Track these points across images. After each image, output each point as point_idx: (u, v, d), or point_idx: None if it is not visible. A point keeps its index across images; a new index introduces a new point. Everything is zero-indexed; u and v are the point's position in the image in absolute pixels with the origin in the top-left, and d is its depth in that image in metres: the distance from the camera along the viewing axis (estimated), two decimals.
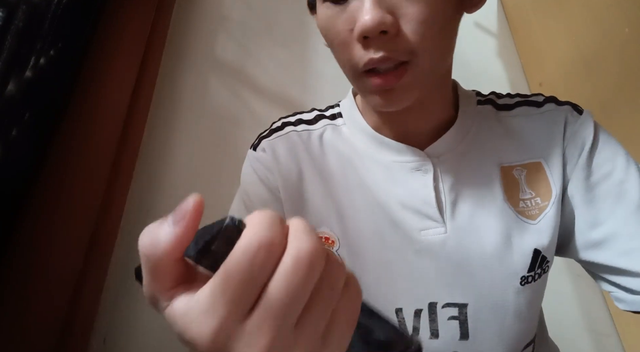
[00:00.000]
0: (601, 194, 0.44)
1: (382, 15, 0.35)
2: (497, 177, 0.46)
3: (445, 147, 0.47)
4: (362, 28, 0.35)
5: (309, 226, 0.20)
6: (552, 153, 0.46)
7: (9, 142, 0.61)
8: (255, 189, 0.50)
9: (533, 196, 0.46)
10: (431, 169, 0.46)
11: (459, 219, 0.45)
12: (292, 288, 0.18)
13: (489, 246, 0.44)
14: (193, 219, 0.19)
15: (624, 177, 0.44)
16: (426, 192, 0.45)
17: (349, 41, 0.38)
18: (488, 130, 0.48)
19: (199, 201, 0.19)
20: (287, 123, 0.53)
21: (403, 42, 0.37)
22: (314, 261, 0.19)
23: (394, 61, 0.38)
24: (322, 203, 0.48)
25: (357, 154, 0.49)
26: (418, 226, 0.45)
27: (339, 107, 0.54)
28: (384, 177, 0.47)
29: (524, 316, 0.45)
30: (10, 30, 0.65)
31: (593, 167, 0.45)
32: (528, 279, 0.44)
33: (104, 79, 0.83)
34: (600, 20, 1.13)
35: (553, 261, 0.47)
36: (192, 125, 1.05)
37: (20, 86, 0.64)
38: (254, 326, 0.18)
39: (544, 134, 0.47)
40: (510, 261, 0.44)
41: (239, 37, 1.19)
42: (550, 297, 0.63)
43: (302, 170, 0.49)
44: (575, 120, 0.47)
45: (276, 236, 0.19)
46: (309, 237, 0.19)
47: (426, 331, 0.44)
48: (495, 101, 0.51)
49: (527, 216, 0.45)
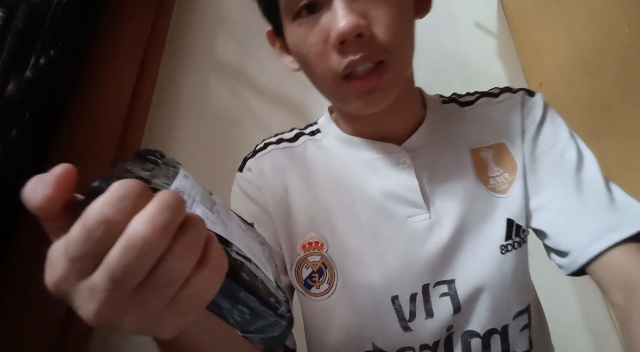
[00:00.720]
0: (544, 164, 0.49)
1: (357, 19, 0.38)
2: (468, 160, 0.51)
3: (420, 141, 0.51)
4: (340, 32, 0.38)
5: (169, 203, 0.21)
6: (512, 132, 0.51)
7: (9, 142, 0.61)
8: (245, 205, 0.53)
9: (501, 172, 0.50)
10: (410, 161, 0.49)
11: (439, 204, 0.49)
12: (123, 264, 0.20)
13: (467, 225, 0.48)
14: (58, 185, 0.21)
15: (564, 149, 0.49)
16: (410, 181, 0.49)
17: (324, 51, 0.41)
18: (456, 122, 0.53)
19: (63, 170, 0.21)
20: (269, 143, 0.57)
21: (377, 42, 0.40)
22: (146, 245, 0.20)
23: (372, 60, 0.40)
24: (308, 211, 0.51)
25: (339, 161, 0.53)
26: (405, 213, 0.48)
27: (317, 124, 0.58)
28: (368, 174, 0.51)
29: (509, 284, 0.47)
30: (10, 30, 0.65)
31: (539, 141, 0.50)
32: (507, 247, 0.48)
33: (104, 79, 0.83)
34: (600, 20, 1.13)
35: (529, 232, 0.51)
36: (192, 125, 1.05)
37: (20, 86, 0.64)
38: (89, 286, 0.21)
39: (503, 117, 0.52)
40: (488, 233, 0.48)
41: (239, 37, 1.19)
42: (551, 297, 0.64)
43: (287, 183, 0.53)
44: (529, 100, 0.53)
45: (118, 212, 0.20)
46: (151, 219, 0.20)
47: (422, 313, 0.46)
48: (458, 99, 0.56)
49: (498, 191, 0.50)
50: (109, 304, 0.21)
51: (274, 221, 0.51)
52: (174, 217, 0.21)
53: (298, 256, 0.49)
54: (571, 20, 1.24)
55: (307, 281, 0.48)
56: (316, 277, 0.48)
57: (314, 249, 0.49)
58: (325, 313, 0.48)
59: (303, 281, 0.48)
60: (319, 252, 0.49)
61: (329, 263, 0.48)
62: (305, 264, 0.48)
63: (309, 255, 0.49)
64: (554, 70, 1.32)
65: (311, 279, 0.48)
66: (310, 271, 0.48)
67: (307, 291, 0.48)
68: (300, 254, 0.49)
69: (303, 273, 0.48)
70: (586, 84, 1.18)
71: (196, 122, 1.05)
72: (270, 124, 1.09)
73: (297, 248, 0.49)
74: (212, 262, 0.22)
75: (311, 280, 0.48)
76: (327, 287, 0.48)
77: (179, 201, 0.22)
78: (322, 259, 0.48)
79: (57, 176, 0.21)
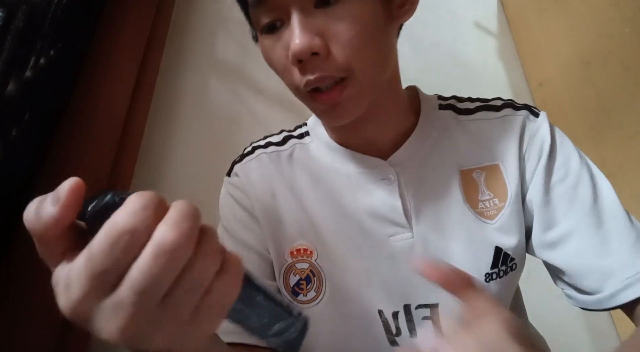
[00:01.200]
0: (556, 197, 0.46)
1: (310, 39, 0.37)
2: (456, 181, 0.48)
3: (407, 156, 0.49)
4: (293, 52, 0.37)
5: (189, 210, 0.21)
6: (509, 155, 0.48)
7: (9, 142, 0.61)
8: (233, 211, 0.52)
9: (491, 197, 0.48)
10: (395, 177, 0.48)
11: (423, 224, 0.47)
12: (151, 274, 0.19)
13: (452, 247, 0.46)
14: (70, 200, 0.20)
15: (576, 181, 0.45)
16: (392, 200, 0.47)
17: (288, 66, 0.41)
18: (448, 136, 0.50)
19: (74, 184, 0.21)
20: (257, 147, 0.56)
21: (335, 61, 0.38)
22: (176, 251, 0.20)
23: (331, 79, 0.39)
24: (297, 218, 0.50)
25: (324, 169, 0.52)
26: (387, 233, 0.47)
27: (306, 126, 0.57)
28: (350, 189, 0.50)
29: None
30: (10, 30, 0.65)
31: (550, 172, 0.47)
32: (492, 275, 0.46)
33: (104, 79, 0.83)
34: (600, 20, 1.13)
35: (525, 260, 0.49)
36: (192, 125, 1.05)
37: (20, 86, 0.64)
38: (114, 303, 0.20)
39: (501, 137, 0.49)
40: (473, 259, 0.46)
41: (239, 37, 1.19)
42: (551, 297, 0.64)
43: (274, 189, 0.52)
44: (532, 123, 0.49)
45: (142, 222, 0.20)
46: (178, 226, 0.20)
47: (406, 331, 0.46)
48: (456, 105, 0.53)
49: (486, 217, 0.47)
50: (136, 319, 0.20)
51: (262, 227, 0.51)
52: (195, 223, 0.21)
53: (286, 263, 0.48)
54: (571, 20, 1.24)
55: (294, 288, 0.48)
56: (304, 285, 0.47)
57: (303, 256, 0.48)
58: (312, 321, 0.47)
59: (291, 287, 0.48)
60: (307, 259, 0.48)
61: (317, 271, 0.48)
62: (293, 270, 0.48)
63: (297, 262, 0.48)
64: (554, 70, 1.32)
65: (299, 286, 0.48)
66: (298, 278, 0.48)
67: (294, 298, 0.47)
68: (289, 260, 0.48)
69: (291, 280, 0.48)
70: (586, 84, 1.18)
71: (196, 122, 1.05)
72: (269, 124, 1.09)
73: (285, 254, 0.49)
74: (231, 266, 0.23)
75: (298, 287, 0.48)
76: (314, 295, 0.47)
77: (195, 208, 0.22)
78: (311, 266, 0.48)
79: (68, 191, 0.20)
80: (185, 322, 0.22)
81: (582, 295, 0.44)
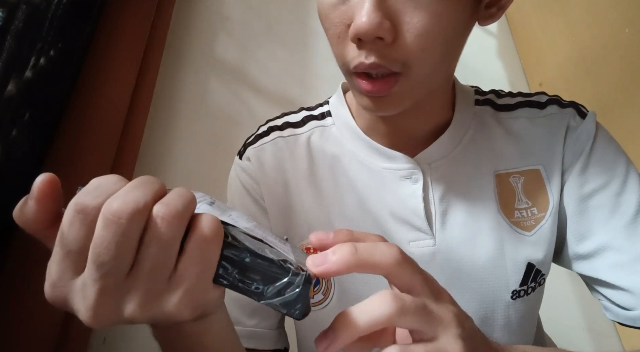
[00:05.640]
0: (595, 205, 0.42)
1: (380, 21, 0.32)
2: (491, 185, 0.44)
3: (438, 154, 0.44)
4: (357, 30, 0.33)
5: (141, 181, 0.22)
6: (552, 160, 0.44)
7: (9, 142, 0.61)
8: (240, 198, 0.50)
9: (530, 205, 0.43)
10: (421, 177, 0.44)
11: (449, 231, 0.43)
12: (105, 245, 0.20)
13: (479, 259, 0.42)
14: (43, 193, 0.21)
15: (620, 189, 0.41)
16: (415, 203, 0.43)
17: (343, 36, 0.36)
18: (485, 134, 0.46)
19: (45, 179, 0.21)
20: (273, 127, 0.51)
21: (398, 51, 0.34)
22: (122, 218, 0.20)
23: (385, 70, 0.35)
24: (311, 213, 0.47)
25: (347, 156, 0.47)
26: (407, 237, 0.44)
27: (328, 104, 0.52)
28: (374, 184, 0.46)
29: (514, 329, 0.43)
30: (10, 30, 0.65)
31: (588, 176, 0.42)
32: (520, 293, 0.42)
33: (104, 79, 0.83)
34: (600, 20, 1.13)
35: (549, 271, 0.46)
36: (191, 125, 1.05)
37: (20, 86, 0.64)
38: (82, 281, 0.21)
39: (544, 139, 0.44)
40: (502, 274, 0.42)
41: (239, 37, 1.19)
42: (551, 297, 0.63)
43: (288, 180, 0.48)
44: (577, 125, 0.44)
45: (93, 199, 0.21)
46: (123, 194, 0.21)
47: None
48: (495, 101, 0.48)
49: (522, 227, 0.43)
50: (105, 295, 0.20)
51: (270, 218, 0.48)
52: (146, 191, 0.21)
53: None
54: (571, 20, 1.24)
55: None
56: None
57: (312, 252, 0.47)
58: (318, 324, 0.46)
59: None
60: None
61: None
62: None
63: None
64: (554, 70, 1.32)
65: None
66: None
67: None
68: None
69: None
70: (586, 84, 1.18)
71: (196, 122, 1.05)
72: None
73: None
74: (201, 226, 0.22)
75: None
76: (321, 297, 0.45)
77: (152, 179, 0.23)
78: None
79: (40, 186, 0.21)
80: (164, 290, 0.22)
81: (619, 309, 0.41)
